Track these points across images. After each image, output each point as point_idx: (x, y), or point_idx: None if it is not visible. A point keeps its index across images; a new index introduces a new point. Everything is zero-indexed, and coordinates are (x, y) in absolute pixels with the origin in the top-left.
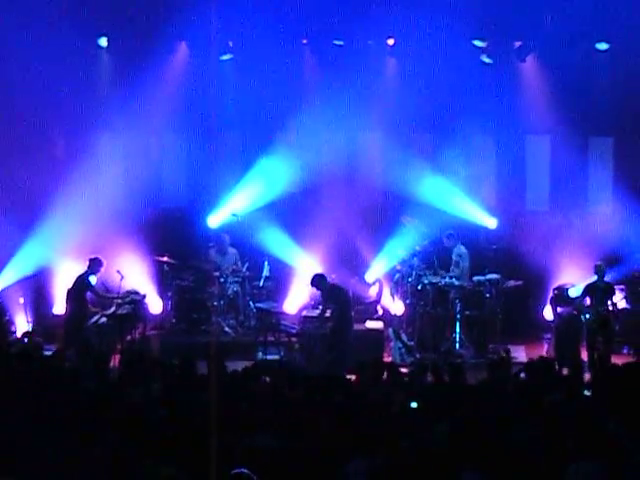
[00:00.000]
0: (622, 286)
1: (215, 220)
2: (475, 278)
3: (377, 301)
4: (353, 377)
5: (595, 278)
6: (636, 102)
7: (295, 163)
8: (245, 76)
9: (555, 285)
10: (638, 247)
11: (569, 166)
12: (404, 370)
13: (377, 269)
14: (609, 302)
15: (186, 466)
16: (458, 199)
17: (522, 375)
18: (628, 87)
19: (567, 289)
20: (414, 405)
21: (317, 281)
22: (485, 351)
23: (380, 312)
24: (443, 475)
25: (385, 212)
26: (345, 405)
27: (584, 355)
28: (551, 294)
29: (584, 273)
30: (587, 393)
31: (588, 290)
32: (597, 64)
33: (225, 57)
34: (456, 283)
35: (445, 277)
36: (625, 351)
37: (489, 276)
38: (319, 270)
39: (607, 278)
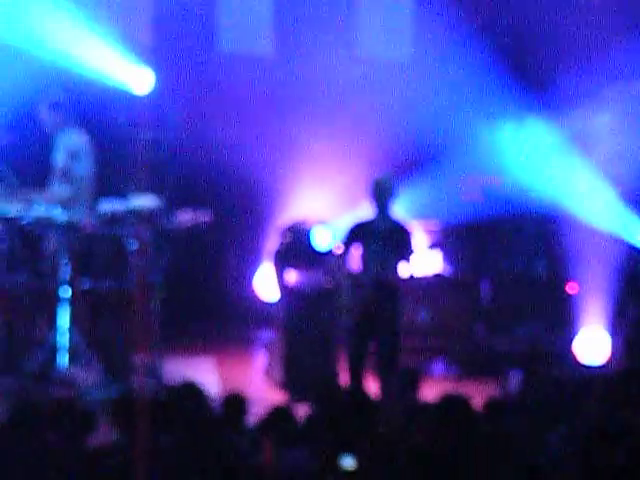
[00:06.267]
0: (435, 231)
1: None
2: (102, 208)
3: None
4: None
5: (373, 212)
6: None
7: None
8: None
9: (283, 221)
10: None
11: None
12: None
13: None
14: (402, 260)
15: None
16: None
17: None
18: None
19: (308, 231)
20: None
21: None
22: (124, 371)
23: None
24: None
25: None
26: None
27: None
28: (276, 244)
29: (346, 200)
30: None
31: (354, 236)
32: None
33: None
34: (59, 218)
35: (34, 203)
36: (440, 369)
37: (130, 201)
38: None
39: (399, 213)
